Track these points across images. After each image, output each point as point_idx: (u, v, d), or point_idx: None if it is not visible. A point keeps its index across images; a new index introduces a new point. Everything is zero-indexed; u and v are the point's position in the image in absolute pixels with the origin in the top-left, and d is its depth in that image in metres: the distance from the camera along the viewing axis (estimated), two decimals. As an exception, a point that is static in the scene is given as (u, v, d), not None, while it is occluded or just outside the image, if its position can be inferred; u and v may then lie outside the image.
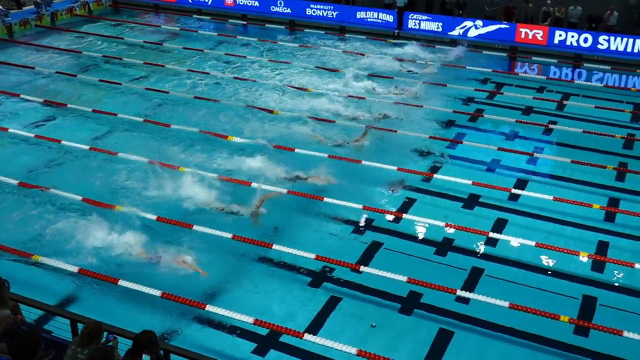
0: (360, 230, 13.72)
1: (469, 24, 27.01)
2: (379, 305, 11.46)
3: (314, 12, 29.32)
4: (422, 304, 11.49)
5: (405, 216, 14.10)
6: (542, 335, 10.78)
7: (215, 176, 15.06)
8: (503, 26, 26.58)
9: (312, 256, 12.39)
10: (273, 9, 29.91)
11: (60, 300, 11.30)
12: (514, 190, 15.28)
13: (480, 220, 14.13)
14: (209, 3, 30.95)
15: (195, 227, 13.21)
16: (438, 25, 27.45)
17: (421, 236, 13.56)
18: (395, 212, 14.31)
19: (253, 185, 14.78)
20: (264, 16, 29.98)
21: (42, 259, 12.12)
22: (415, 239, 13.49)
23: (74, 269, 11.82)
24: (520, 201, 14.94)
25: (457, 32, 27.24)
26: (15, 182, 14.97)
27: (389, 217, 14.14)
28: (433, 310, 11.35)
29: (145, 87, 21.43)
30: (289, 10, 29.67)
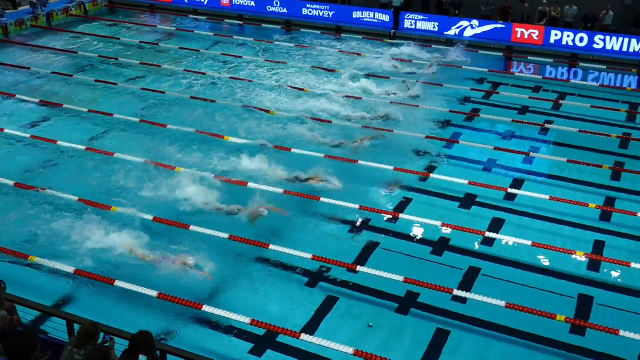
0: (356, 230, 13.73)
1: (465, 23, 27.03)
2: (376, 305, 11.47)
3: (310, 12, 29.31)
4: (418, 304, 11.49)
5: (401, 216, 14.10)
6: (539, 334, 10.79)
7: (211, 176, 15.03)
8: (499, 26, 26.61)
9: (309, 256, 12.39)
10: (269, 9, 29.89)
11: (57, 301, 11.29)
12: (510, 190, 15.29)
13: (476, 219, 14.14)
14: (205, 3, 30.92)
15: (192, 228, 13.20)
16: (434, 25, 27.46)
17: (418, 236, 13.57)
18: (392, 212, 14.31)
19: (249, 185, 14.80)
20: (260, 16, 29.96)
21: (38, 260, 12.10)
22: (412, 239, 13.50)
23: (70, 269, 11.80)
24: (517, 201, 14.96)
25: (453, 32, 27.25)
26: (11, 183, 14.94)
27: (386, 217, 14.14)
28: (430, 310, 11.36)
29: (142, 87, 21.40)
30: (285, 10, 29.66)
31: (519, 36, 26.34)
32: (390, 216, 14.16)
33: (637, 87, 23.07)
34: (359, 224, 13.93)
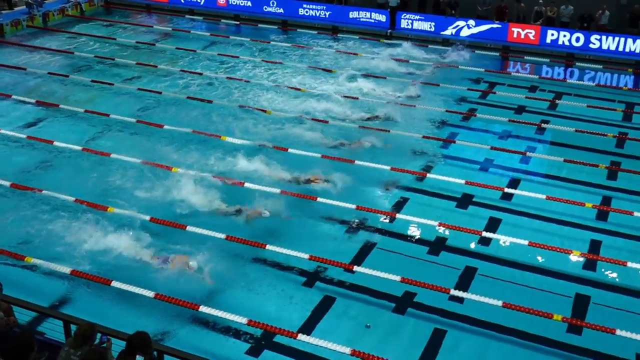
0: (353, 230, 13.72)
1: (461, 23, 27.05)
2: (373, 305, 11.47)
3: (306, 12, 29.31)
4: (415, 304, 11.50)
5: (398, 216, 14.10)
6: (535, 333, 10.81)
7: (208, 176, 15.02)
8: (495, 26, 26.64)
9: (306, 256, 12.38)
10: (266, 9, 29.88)
11: (53, 301, 11.26)
12: (507, 190, 15.31)
13: (473, 219, 14.15)
14: (202, 3, 30.90)
15: (189, 228, 13.17)
16: (431, 25, 27.47)
17: (415, 236, 13.58)
18: (389, 211, 14.31)
19: (246, 185, 14.80)
20: (256, 16, 29.95)
21: (35, 261, 12.06)
22: (409, 239, 13.51)
23: (67, 270, 11.77)
24: (513, 200, 14.98)
25: (449, 31, 27.28)
26: (7, 184, 14.90)
27: (383, 217, 14.15)
28: (427, 310, 11.36)
29: (138, 87, 21.37)
30: (281, 10, 29.66)
31: (515, 36, 26.38)
32: (387, 216, 14.16)
33: (633, 86, 23.11)
34: (355, 224, 13.92)
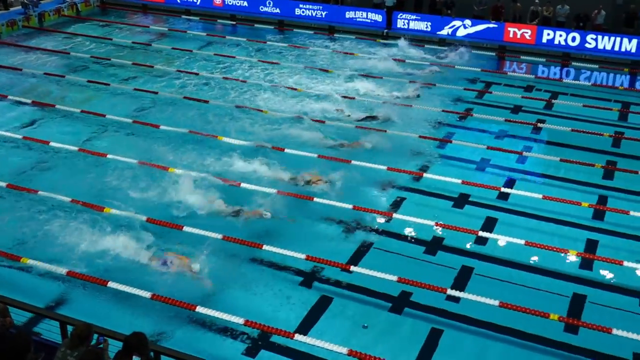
0: (350, 230, 13.72)
1: (457, 23, 27.08)
2: (370, 305, 11.47)
3: (303, 12, 29.31)
4: (412, 303, 11.50)
5: (395, 216, 14.11)
6: (532, 333, 10.81)
7: (205, 177, 15.00)
8: (491, 25, 26.67)
9: (303, 256, 12.37)
10: (262, 9, 29.87)
11: (50, 302, 11.23)
12: (503, 189, 15.33)
13: (470, 219, 14.16)
14: (198, 3, 30.88)
15: (186, 229, 13.16)
16: (427, 24, 27.50)
17: (411, 236, 13.59)
18: (386, 212, 14.31)
19: (243, 185, 14.79)
20: (252, 16, 29.94)
21: (31, 262, 12.04)
22: (406, 239, 13.52)
23: (63, 271, 11.75)
24: (510, 200, 14.99)
25: (446, 31, 27.30)
26: (3, 184, 14.88)
27: (379, 217, 14.14)
28: (424, 310, 11.36)
29: (134, 87, 21.35)
30: (277, 10, 29.65)
31: (511, 36, 26.41)
32: (384, 216, 14.16)
33: (629, 86, 23.16)
34: (352, 224, 13.91)
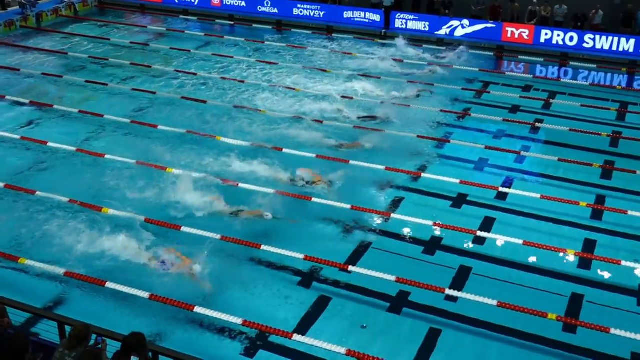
0: (348, 230, 13.71)
1: (455, 23, 27.09)
2: (368, 305, 11.47)
3: (301, 12, 29.31)
4: (411, 303, 11.50)
5: (393, 216, 14.11)
6: (530, 332, 10.82)
7: (203, 177, 14.99)
8: (489, 25, 26.69)
9: (301, 256, 12.36)
10: (260, 9, 29.87)
11: (48, 303, 11.21)
12: (501, 189, 15.33)
13: (468, 219, 14.16)
14: (196, 3, 30.87)
15: (184, 229, 13.15)
16: (425, 24, 27.51)
17: (410, 235, 13.58)
18: (384, 212, 14.31)
19: (241, 185, 14.79)
20: (251, 16, 29.93)
21: (29, 262, 12.02)
22: (404, 239, 13.52)
23: (61, 271, 11.73)
24: (508, 200, 14.99)
25: (443, 31, 27.31)
26: (1, 185, 14.85)
27: (378, 217, 14.13)
28: (422, 309, 11.36)
29: (132, 87, 21.34)
30: (276, 11, 29.65)
31: (509, 35, 26.43)
32: (382, 216, 14.16)
33: (627, 85, 23.17)
34: (351, 224, 13.90)
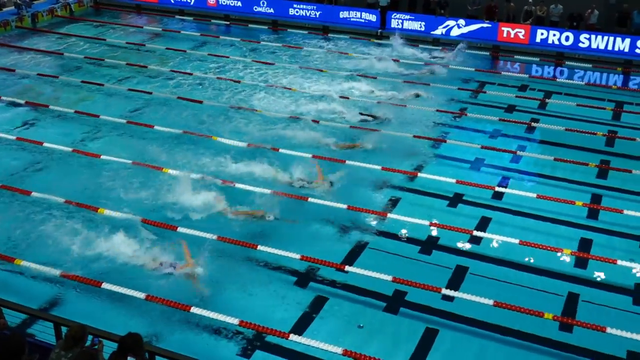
0: (345, 230, 13.71)
1: (451, 23, 27.11)
2: (365, 305, 11.47)
3: (296, 12, 29.29)
4: (407, 303, 11.50)
5: (390, 215, 14.11)
6: (527, 332, 10.83)
7: (199, 177, 14.99)
8: (485, 25, 26.71)
9: (297, 256, 12.37)
10: (256, 9, 29.84)
11: (44, 303, 11.20)
12: (497, 189, 15.35)
13: (464, 218, 14.17)
14: (192, 3, 30.84)
15: (180, 229, 13.15)
16: (421, 24, 27.51)
17: (406, 235, 13.59)
18: (380, 211, 14.32)
19: (238, 186, 14.79)
20: (246, 16, 29.91)
21: (25, 263, 12.00)
22: (400, 238, 13.52)
23: (57, 272, 11.71)
24: (504, 199, 15.02)
25: (439, 31, 27.32)
26: (-3, 185, 14.86)
27: (374, 217, 14.13)
28: (418, 309, 11.37)
29: (128, 88, 21.31)
30: (271, 10, 29.62)
31: (505, 35, 26.45)
32: (379, 216, 14.16)
33: (622, 85, 23.22)
34: (347, 223, 13.90)
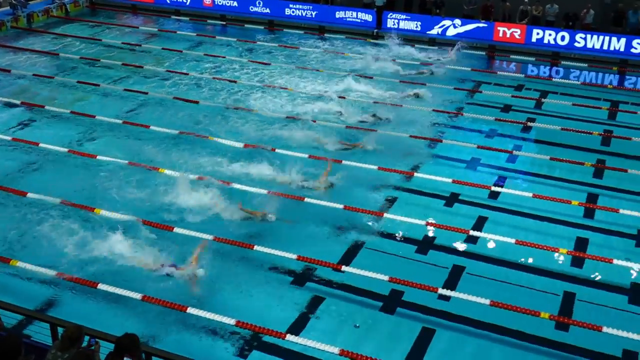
0: (341, 230, 13.70)
1: (447, 23, 27.13)
2: (361, 305, 11.47)
3: (293, 12, 29.29)
4: (404, 303, 11.51)
5: (386, 215, 14.12)
6: (523, 331, 10.84)
7: (196, 177, 14.97)
8: (481, 25, 26.74)
9: (294, 256, 12.37)
10: (252, 9, 29.83)
11: (40, 304, 11.18)
12: (494, 188, 15.37)
13: (460, 218, 14.19)
14: (187, 3, 30.80)
15: (176, 230, 13.13)
16: (417, 24, 27.52)
17: (402, 235, 13.59)
18: (377, 211, 14.31)
19: (234, 186, 14.78)
20: (242, 16, 29.89)
21: (21, 264, 11.97)
22: (397, 238, 13.53)
23: (53, 273, 11.69)
24: (500, 199, 15.03)
25: (435, 31, 27.35)
26: (-8, 186, 14.82)
27: (371, 217, 14.12)
28: (415, 309, 11.38)
29: (124, 88, 21.28)
30: (267, 10, 29.62)
31: (501, 35, 26.49)
32: (375, 216, 14.16)
33: (618, 84, 23.27)
34: (344, 223, 13.89)
